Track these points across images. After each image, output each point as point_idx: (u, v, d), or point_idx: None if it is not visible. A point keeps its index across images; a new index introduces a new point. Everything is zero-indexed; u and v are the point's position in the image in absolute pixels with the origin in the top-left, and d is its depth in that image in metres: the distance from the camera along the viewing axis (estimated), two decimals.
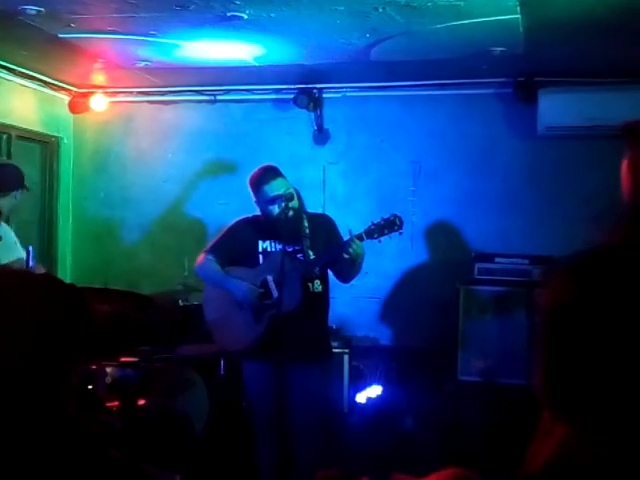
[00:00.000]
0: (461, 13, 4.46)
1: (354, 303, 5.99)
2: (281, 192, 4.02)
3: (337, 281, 4.30)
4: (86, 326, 1.59)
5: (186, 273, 5.96)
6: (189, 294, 6.03)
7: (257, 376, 4.15)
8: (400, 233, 3.98)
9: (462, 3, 4.28)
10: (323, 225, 4.24)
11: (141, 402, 4.36)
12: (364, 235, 3.91)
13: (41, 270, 4.76)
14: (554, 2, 4.30)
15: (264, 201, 4.07)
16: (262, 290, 4.05)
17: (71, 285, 1.65)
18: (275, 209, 4.02)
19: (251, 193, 4.14)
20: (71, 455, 1.46)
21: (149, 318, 5.98)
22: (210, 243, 4.35)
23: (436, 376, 5.73)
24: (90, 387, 4.10)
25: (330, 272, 4.25)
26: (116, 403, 4.28)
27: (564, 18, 4.52)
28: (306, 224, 4.13)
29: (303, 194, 4.39)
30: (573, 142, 6.07)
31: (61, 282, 1.65)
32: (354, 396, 5.73)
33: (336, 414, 5.31)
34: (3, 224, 4.67)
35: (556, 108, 5.98)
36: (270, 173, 4.11)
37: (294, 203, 4.07)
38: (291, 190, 4.07)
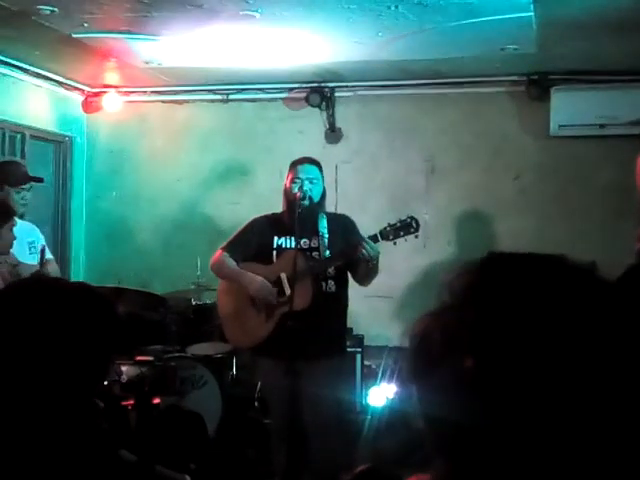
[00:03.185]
0: (474, 11, 4.45)
1: (366, 302, 5.97)
2: (308, 176, 4.08)
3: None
4: (115, 330, 1.60)
5: (199, 272, 5.96)
6: (201, 293, 6.04)
7: (270, 373, 4.16)
8: (416, 236, 3.98)
9: (475, 1, 4.27)
10: (343, 226, 4.24)
11: (156, 401, 4.37)
12: (379, 236, 3.90)
13: (52, 266, 4.78)
14: (568, 0, 4.28)
15: (291, 178, 4.13)
16: (275, 287, 4.06)
17: (100, 291, 1.66)
18: (295, 187, 4.07)
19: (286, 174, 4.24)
20: (87, 458, 1.47)
21: (162, 317, 5.99)
22: (227, 240, 4.38)
23: None
24: (105, 384, 4.13)
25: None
26: (131, 402, 4.30)
27: (578, 16, 4.51)
28: (325, 223, 4.14)
29: None
30: (586, 140, 6.05)
31: (92, 289, 1.65)
32: (366, 395, 5.73)
33: (349, 413, 5.31)
34: (20, 222, 4.70)
35: (569, 106, 5.96)
36: (310, 159, 4.24)
37: (314, 192, 4.10)
38: (319, 182, 4.13)
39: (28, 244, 4.72)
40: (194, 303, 6.04)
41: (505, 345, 0.86)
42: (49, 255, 4.86)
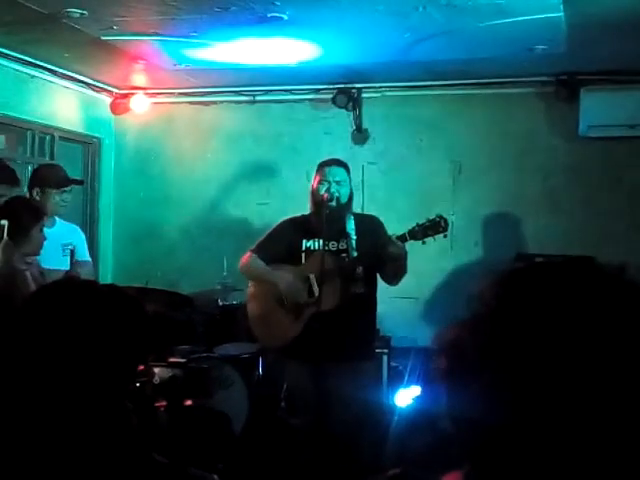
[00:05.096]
0: (503, 11, 4.42)
1: (393, 303, 5.95)
2: (335, 179, 4.08)
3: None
4: (146, 332, 1.61)
5: (225, 273, 5.98)
6: (228, 294, 6.06)
7: (297, 374, 4.16)
8: (445, 236, 3.97)
9: (504, 1, 4.25)
10: (370, 226, 4.24)
11: (188, 402, 4.39)
12: (407, 236, 3.89)
13: (85, 269, 4.83)
14: (598, 0, 4.25)
15: (318, 180, 4.14)
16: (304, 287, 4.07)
17: (132, 294, 1.67)
18: (322, 188, 4.08)
19: (313, 176, 4.24)
20: (121, 461, 1.48)
21: (188, 317, 6.02)
22: (256, 242, 4.39)
23: None
24: (138, 385, 4.16)
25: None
26: (163, 403, 4.32)
27: (608, 16, 4.46)
28: (352, 225, 4.13)
29: None
30: (615, 141, 5.99)
31: (123, 291, 1.67)
32: (393, 397, 5.71)
33: (376, 415, 5.30)
34: (60, 223, 4.78)
35: (598, 107, 5.91)
36: (337, 161, 4.26)
37: (342, 194, 4.10)
38: (346, 184, 4.14)
39: (62, 246, 4.77)
40: (220, 303, 6.06)
41: (538, 354, 0.87)
42: (86, 257, 4.93)
